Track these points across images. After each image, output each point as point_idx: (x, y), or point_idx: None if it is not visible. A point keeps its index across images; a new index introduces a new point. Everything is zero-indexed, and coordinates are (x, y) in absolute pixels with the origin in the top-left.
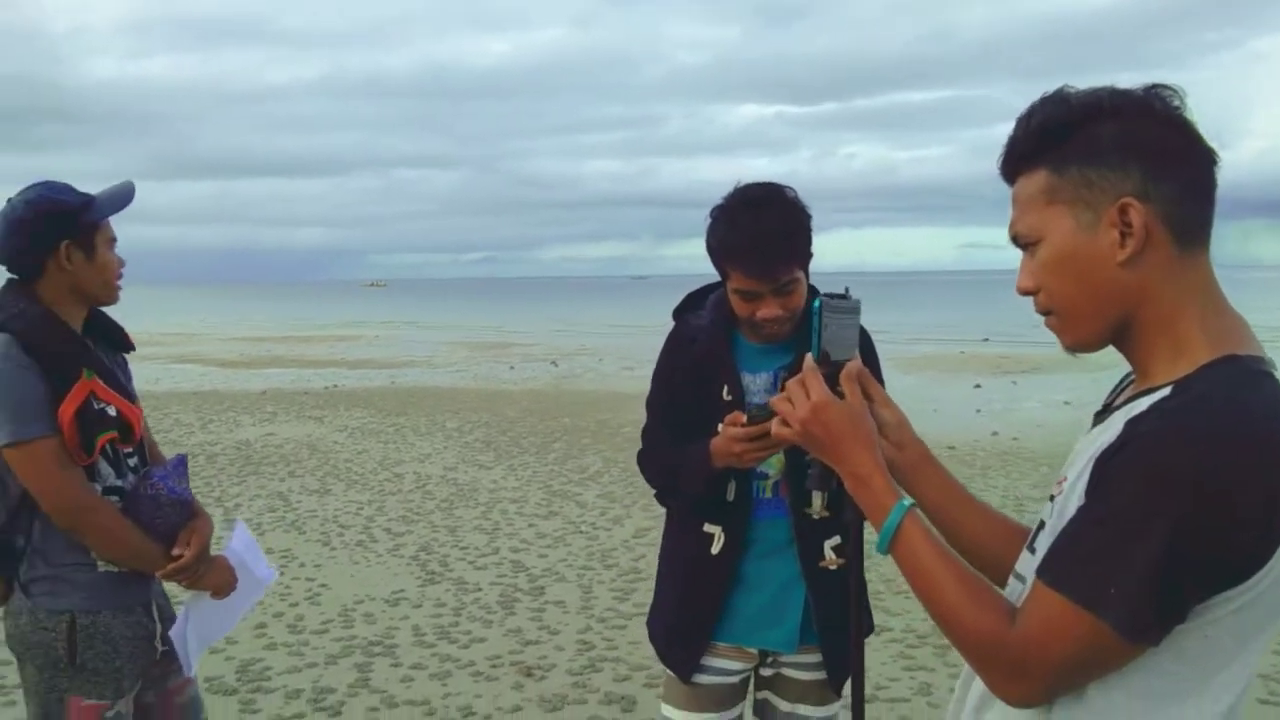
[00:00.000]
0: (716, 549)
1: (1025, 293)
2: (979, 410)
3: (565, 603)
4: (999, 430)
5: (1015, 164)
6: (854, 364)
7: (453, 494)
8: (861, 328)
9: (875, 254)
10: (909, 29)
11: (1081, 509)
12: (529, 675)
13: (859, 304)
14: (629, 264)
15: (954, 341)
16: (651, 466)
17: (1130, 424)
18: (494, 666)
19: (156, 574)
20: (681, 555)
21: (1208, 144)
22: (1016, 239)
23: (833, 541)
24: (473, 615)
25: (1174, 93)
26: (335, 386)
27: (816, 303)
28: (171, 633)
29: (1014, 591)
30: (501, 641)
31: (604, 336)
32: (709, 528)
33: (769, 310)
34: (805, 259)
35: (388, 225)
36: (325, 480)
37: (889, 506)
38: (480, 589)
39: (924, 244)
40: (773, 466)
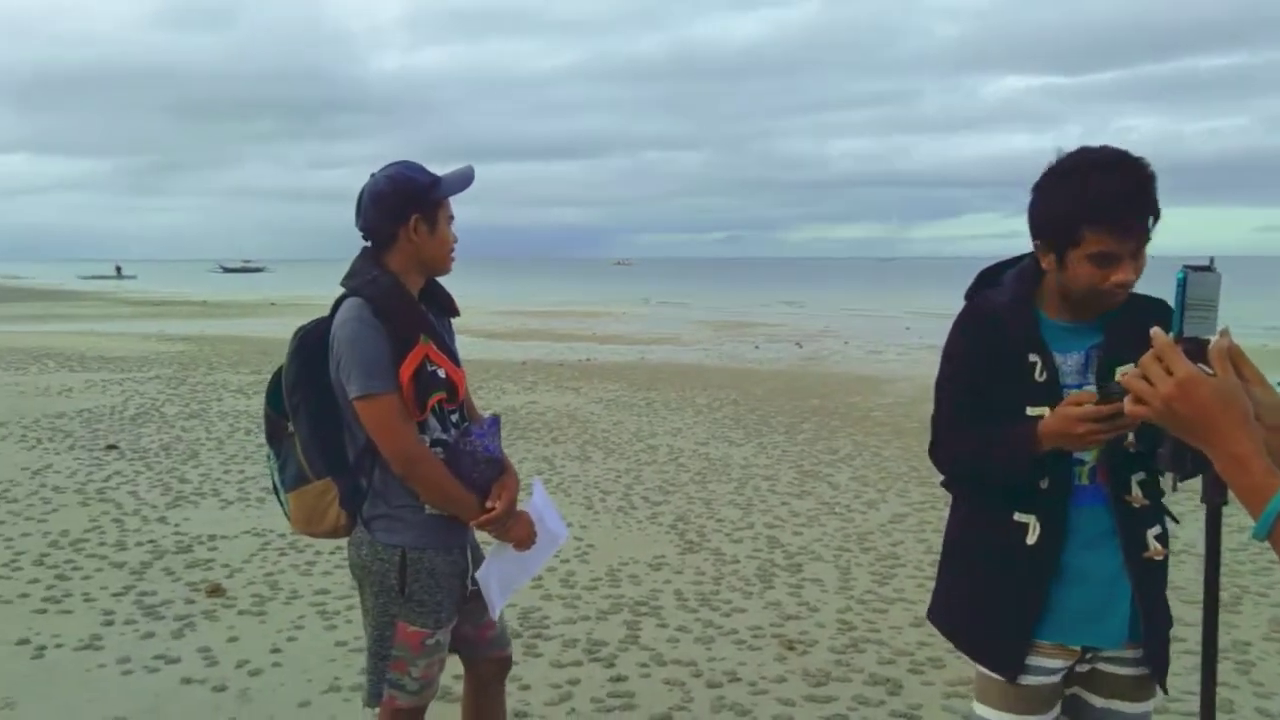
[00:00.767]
0: (1033, 539)
1: None
2: None
3: (823, 581)
4: None
5: None
6: (1225, 340)
7: (705, 468)
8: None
9: (1160, 236)
10: None
11: None
12: (791, 649)
13: (1220, 277)
14: (876, 246)
15: (1257, 333)
16: (951, 452)
17: None
18: (755, 636)
19: (470, 523)
20: (987, 546)
21: None
22: None
23: (1154, 531)
24: (732, 585)
25: None
26: (588, 360)
27: (1181, 274)
28: (478, 574)
29: None
30: (762, 614)
31: (848, 319)
32: (1020, 517)
33: (1124, 274)
34: (1159, 216)
35: (636, 205)
36: (585, 448)
37: (1271, 491)
38: (738, 561)
39: (1211, 226)
40: (1089, 452)
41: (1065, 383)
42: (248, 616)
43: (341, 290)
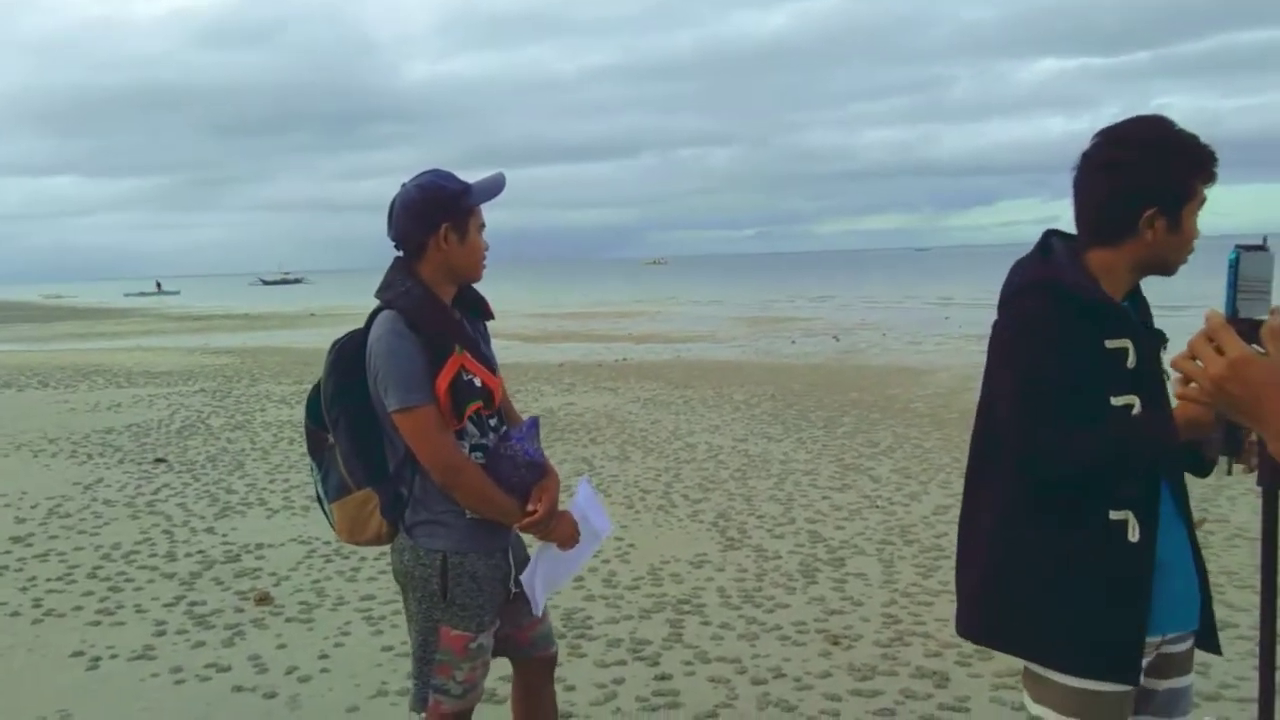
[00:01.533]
0: (1135, 536)
1: None
2: None
3: (867, 575)
4: None
5: None
6: (1278, 319)
7: (745, 464)
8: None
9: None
10: None
11: None
12: (836, 644)
13: (1274, 256)
14: (910, 236)
15: None
16: (1068, 456)
17: None
18: (800, 632)
19: (513, 526)
20: (1085, 552)
21: None
22: None
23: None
24: (775, 582)
25: None
26: (625, 360)
27: (1234, 254)
28: (523, 576)
29: None
30: (805, 609)
31: (885, 311)
32: (1117, 514)
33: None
34: None
35: (667, 203)
36: (624, 448)
37: None
38: (780, 557)
39: (1255, 202)
40: None
41: (1151, 368)
42: (295, 624)
43: (376, 302)
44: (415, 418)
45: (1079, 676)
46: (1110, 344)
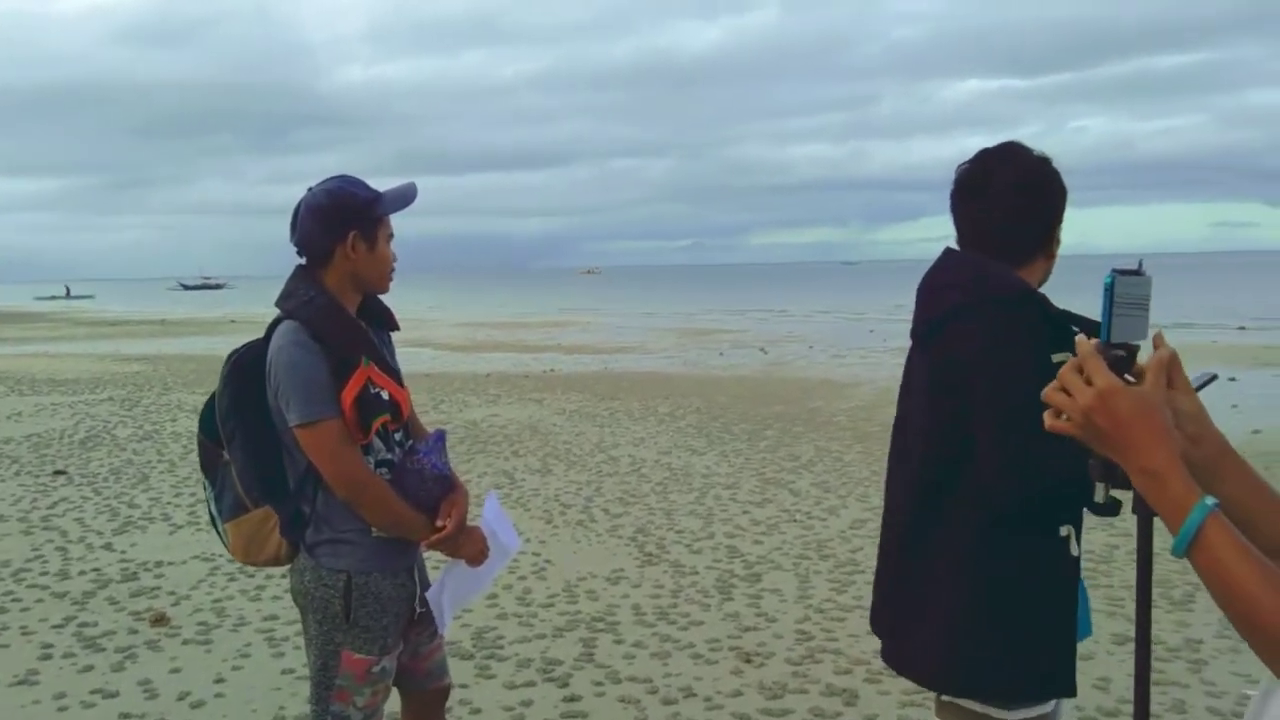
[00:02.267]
0: (1076, 550)
1: None
2: (1235, 406)
3: (782, 591)
4: (1260, 428)
5: None
6: (1166, 350)
7: (667, 478)
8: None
9: (1104, 235)
10: None
11: None
12: (748, 661)
13: (1151, 280)
14: (839, 249)
15: (1204, 329)
16: (1054, 470)
17: None
18: (713, 650)
19: (420, 543)
20: (1045, 570)
21: None
22: None
23: None
24: (690, 598)
25: None
26: (552, 371)
27: (1109, 278)
28: (429, 594)
29: None
30: (720, 626)
31: (813, 323)
32: (1063, 530)
33: None
34: None
35: (602, 214)
36: (546, 460)
37: (1188, 506)
38: (697, 572)
39: (1166, 223)
40: None
41: None
42: (192, 645)
43: (277, 312)
44: (319, 432)
45: (1037, 704)
46: (1056, 358)
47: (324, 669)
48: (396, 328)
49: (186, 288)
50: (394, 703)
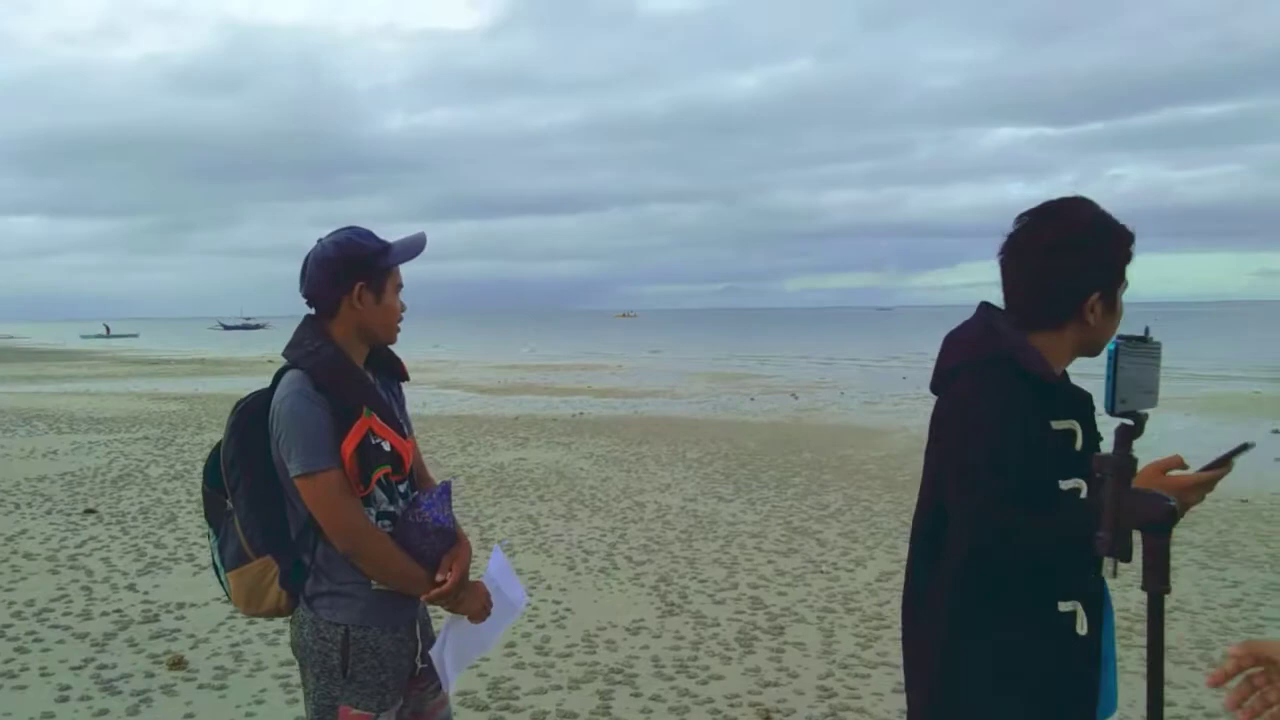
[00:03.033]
0: (1084, 629)
1: None
2: (1279, 459)
3: (805, 645)
4: None
5: None
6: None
7: (692, 525)
8: None
9: (1143, 284)
10: (1189, 40)
11: None
12: (768, 719)
13: (1160, 346)
14: (874, 295)
15: (1246, 380)
16: (1027, 537)
17: None
18: (732, 706)
19: (421, 597)
20: (1036, 648)
21: None
22: None
23: None
24: (711, 650)
25: None
26: (581, 414)
27: (1112, 345)
28: (431, 651)
29: None
30: (740, 680)
31: (845, 369)
32: (1065, 605)
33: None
34: None
35: (637, 257)
36: (571, 506)
37: None
38: (719, 624)
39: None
40: None
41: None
42: (207, 690)
43: (284, 361)
44: (318, 483)
45: None
46: (1057, 425)
47: None
48: (406, 378)
49: (227, 328)
50: None
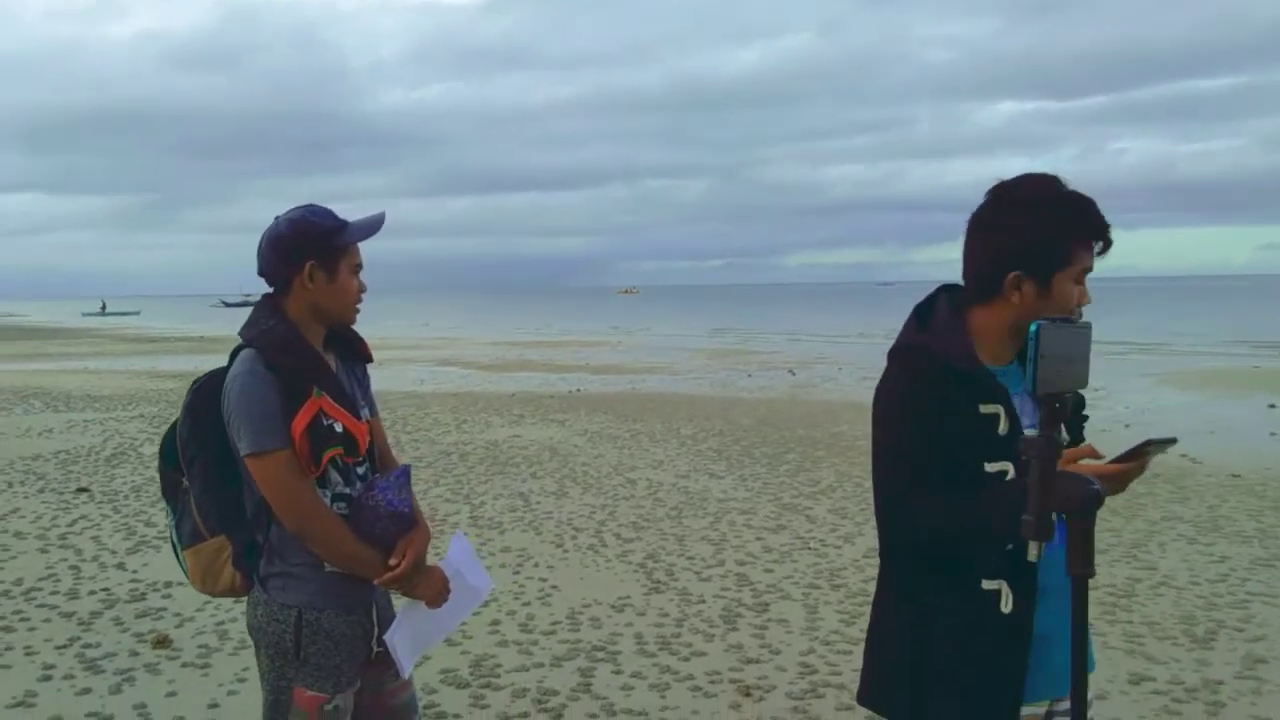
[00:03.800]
0: (1007, 607)
1: None
2: (1274, 434)
3: (789, 621)
4: None
5: None
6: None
7: (683, 502)
8: None
9: (1147, 257)
10: (1191, 14)
11: None
12: (747, 695)
13: (1089, 327)
14: (874, 270)
15: (1245, 355)
16: (926, 521)
17: None
18: (713, 683)
19: (373, 581)
20: (956, 619)
21: None
22: None
23: None
24: (694, 628)
25: None
26: (578, 391)
27: (1034, 326)
28: (386, 635)
29: None
30: (722, 657)
31: (844, 345)
32: (989, 584)
33: (1086, 293)
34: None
35: (637, 233)
36: (563, 483)
37: None
38: (704, 601)
39: (1210, 245)
40: None
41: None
42: (191, 669)
43: (239, 340)
44: (268, 463)
45: None
46: (984, 409)
47: (275, 705)
48: (369, 359)
49: (228, 304)
50: None
